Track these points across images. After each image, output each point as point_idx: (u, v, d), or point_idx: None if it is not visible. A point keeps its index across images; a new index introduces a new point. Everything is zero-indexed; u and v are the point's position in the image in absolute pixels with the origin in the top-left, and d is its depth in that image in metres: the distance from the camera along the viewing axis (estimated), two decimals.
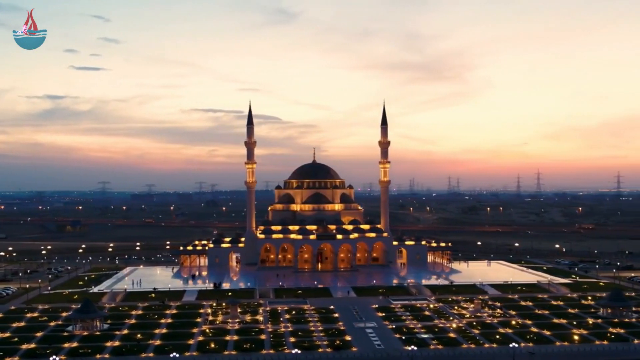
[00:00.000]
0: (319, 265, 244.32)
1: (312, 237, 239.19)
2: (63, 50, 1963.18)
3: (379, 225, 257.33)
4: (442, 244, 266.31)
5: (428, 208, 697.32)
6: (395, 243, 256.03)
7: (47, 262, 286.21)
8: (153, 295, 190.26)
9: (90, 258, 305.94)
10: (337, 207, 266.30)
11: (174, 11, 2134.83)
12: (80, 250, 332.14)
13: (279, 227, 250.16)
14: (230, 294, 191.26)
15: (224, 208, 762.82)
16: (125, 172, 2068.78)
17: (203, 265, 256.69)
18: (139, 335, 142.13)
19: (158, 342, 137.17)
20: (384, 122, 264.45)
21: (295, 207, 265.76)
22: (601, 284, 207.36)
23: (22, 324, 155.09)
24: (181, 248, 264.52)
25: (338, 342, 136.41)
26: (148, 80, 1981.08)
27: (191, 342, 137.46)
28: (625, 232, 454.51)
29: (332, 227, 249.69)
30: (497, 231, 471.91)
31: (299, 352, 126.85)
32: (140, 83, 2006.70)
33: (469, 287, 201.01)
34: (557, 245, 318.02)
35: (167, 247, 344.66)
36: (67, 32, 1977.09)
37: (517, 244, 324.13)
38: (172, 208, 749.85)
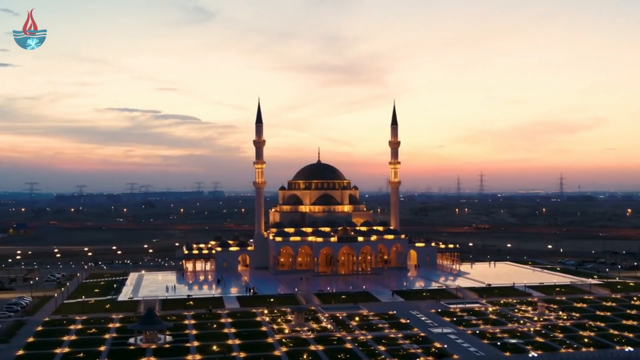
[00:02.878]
0: (333, 269, 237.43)
1: (333, 239, 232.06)
2: None
3: (392, 227, 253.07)
4: (450, 246, 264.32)
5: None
6: None
7: (35, 268, 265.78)
8: (191, 302, 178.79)
9: (72, 263, 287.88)
10: (347, 208, 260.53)
11: (87, 6, 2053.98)
12: (59, 255, 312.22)
13: (292, 230, 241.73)
14: (272, 300, 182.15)
15: (181, 210, 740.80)
16: (39, 172, 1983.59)
17: (207, 269, 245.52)
18: (214, 347, 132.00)
19: (243, 355, 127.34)
20: (394, 122, 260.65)
21: (304, 208, 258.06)
22: (631, 284, 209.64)
23: (74, 337, 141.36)
24: (186, 252, 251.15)
25: (433, 349, 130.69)
26: (60, 77, 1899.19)
27: (278, 353, 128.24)
28: (581, 231, 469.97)
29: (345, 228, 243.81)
30: (464, 232, 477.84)
31: None
32: (52, 80, 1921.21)
33: (507, 289, 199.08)
34: (549, 246, 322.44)
35: (150, 250, 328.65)
36: None
37: (509, 245, 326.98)
38: (125, 210, 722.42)
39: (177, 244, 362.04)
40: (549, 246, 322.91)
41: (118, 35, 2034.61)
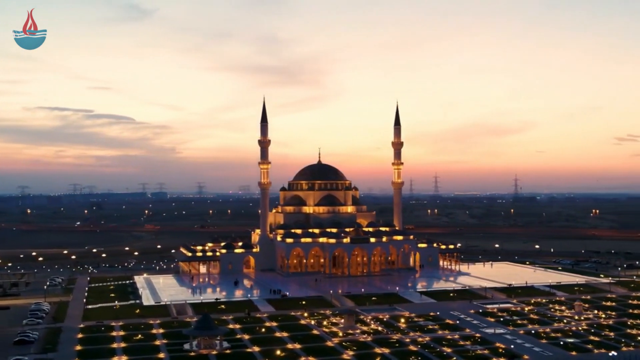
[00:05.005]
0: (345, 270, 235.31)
1: (346, 240, 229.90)
2: None
3: (397, 228, 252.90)
4: (451, 246, 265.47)
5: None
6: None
7: (28, 272, 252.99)
8: (223, 306, 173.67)
9: (60, 267, 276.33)
10: (350, 209, 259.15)
11: (16, 1, 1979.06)
12: (41, 259, 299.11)
13: (299, 231, 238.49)
14: (304, 302, 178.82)
15: (146, 211, 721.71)
16: None
17: (210, 272, 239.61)
18: (278, 352, 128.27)
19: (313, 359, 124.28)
20: (397, 122, 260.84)
21: (308, 209, 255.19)
22: None
23: (123, 344, 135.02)
24: (189, 254, 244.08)
25: (501, 350, 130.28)
26: None
27: (347, 357, 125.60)
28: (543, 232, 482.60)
29: (349, 229, 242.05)
30: (433, 232, 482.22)
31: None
32: None
33: (528, 288, 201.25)
34: (537, 246, 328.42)
35: (135, 253, 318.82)
36: None
37: (496, 245, 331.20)
38: (86, 212, 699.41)
39: (159, 246, 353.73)
40: (537, 246, 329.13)
41: (49, 31, 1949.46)
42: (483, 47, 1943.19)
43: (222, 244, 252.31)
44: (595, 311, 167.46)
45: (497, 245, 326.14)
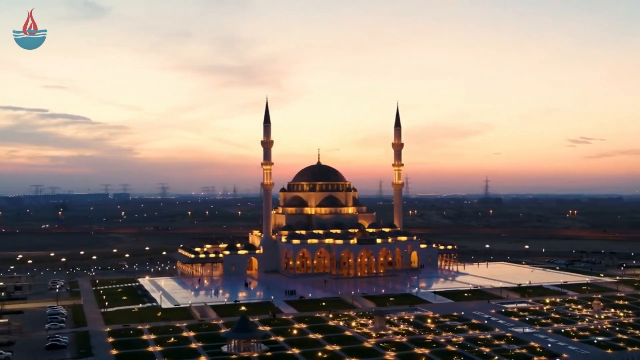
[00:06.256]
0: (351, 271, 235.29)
1: (353, 241, 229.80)
2: None
3: (398, 229, 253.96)
4: (449, 247, 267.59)
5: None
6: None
7: (25, 275, 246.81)
8: (243, 308, 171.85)
9: (48, 269, 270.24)
10: (351, 210, 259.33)
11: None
12: (30, 262, 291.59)
13: (303, 232, 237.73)
14: (324, 303, 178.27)
15: (123, 213, 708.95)
16: None
17: (207, 274, 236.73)
18: (320, 354, 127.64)
19: None
20: (397, 124, 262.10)
21: (310, 210, 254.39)
22: None
23: (159, 348, 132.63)
24: (191, 256, 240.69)
25: (539, 349, 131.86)
26: None
27: (389, 357, 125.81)
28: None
29: (352, 230, 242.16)
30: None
31: None
32: None
33: (537, 288, 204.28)
34: (526, 246, 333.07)
35: (127, 255, 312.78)
36: None
37: (487, 245, 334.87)
38: (60, 213, 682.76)
39: (147, 248, 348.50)
40: (526, 246, 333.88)
41: (2, 29, 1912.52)
42: (440, 49, 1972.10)
43: (221, 245, 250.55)
44: (612, 310, 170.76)
45: (487, 246, 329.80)
